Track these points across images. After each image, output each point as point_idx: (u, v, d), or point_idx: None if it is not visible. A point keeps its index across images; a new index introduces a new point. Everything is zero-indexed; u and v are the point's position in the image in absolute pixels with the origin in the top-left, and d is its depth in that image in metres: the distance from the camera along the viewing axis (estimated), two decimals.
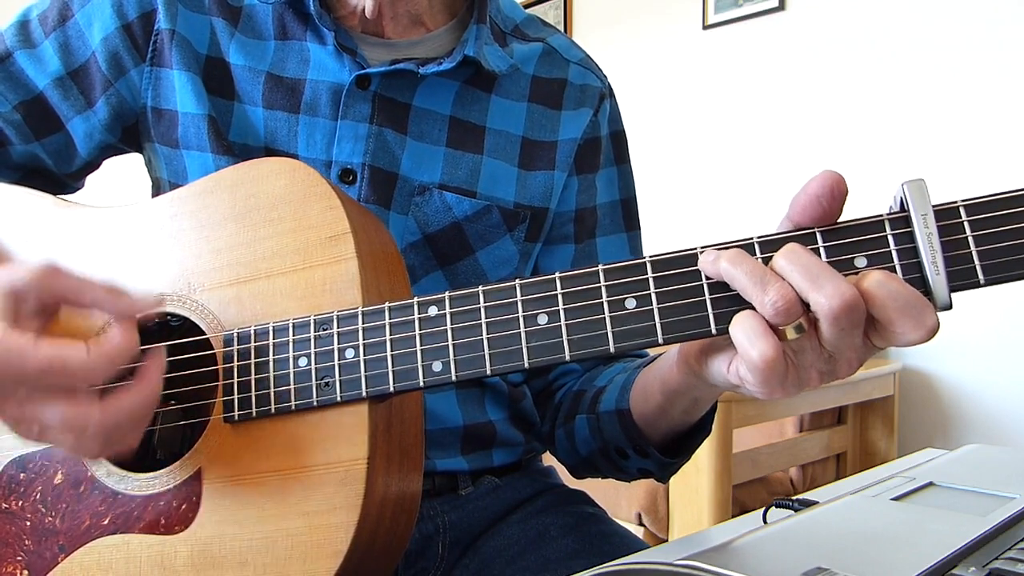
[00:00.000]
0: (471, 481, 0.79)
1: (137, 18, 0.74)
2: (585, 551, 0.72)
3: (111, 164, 0.84)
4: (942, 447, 0.92)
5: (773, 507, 0.61)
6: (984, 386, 2.28)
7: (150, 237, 0.64)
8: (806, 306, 0.46)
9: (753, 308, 0.47)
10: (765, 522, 0.60)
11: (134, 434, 0.53)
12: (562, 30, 3.23)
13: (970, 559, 0.41)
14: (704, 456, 1.79)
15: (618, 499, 1.95)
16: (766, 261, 0.47)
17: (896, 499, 0.53)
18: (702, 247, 0.49)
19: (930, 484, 0.57)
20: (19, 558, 0.61)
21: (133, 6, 0.74)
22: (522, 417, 0.83)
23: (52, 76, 0.75)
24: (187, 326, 0.62)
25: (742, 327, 0.46)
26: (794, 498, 0.60)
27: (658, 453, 0.69)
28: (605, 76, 0.87)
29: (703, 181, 2.85)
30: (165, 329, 0.66)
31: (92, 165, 0.81)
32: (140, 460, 0.62)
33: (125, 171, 0.90)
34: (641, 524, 1.93)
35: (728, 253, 0.47)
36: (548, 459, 0.89)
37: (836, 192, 0.47)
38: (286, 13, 0.76)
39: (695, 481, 1.79)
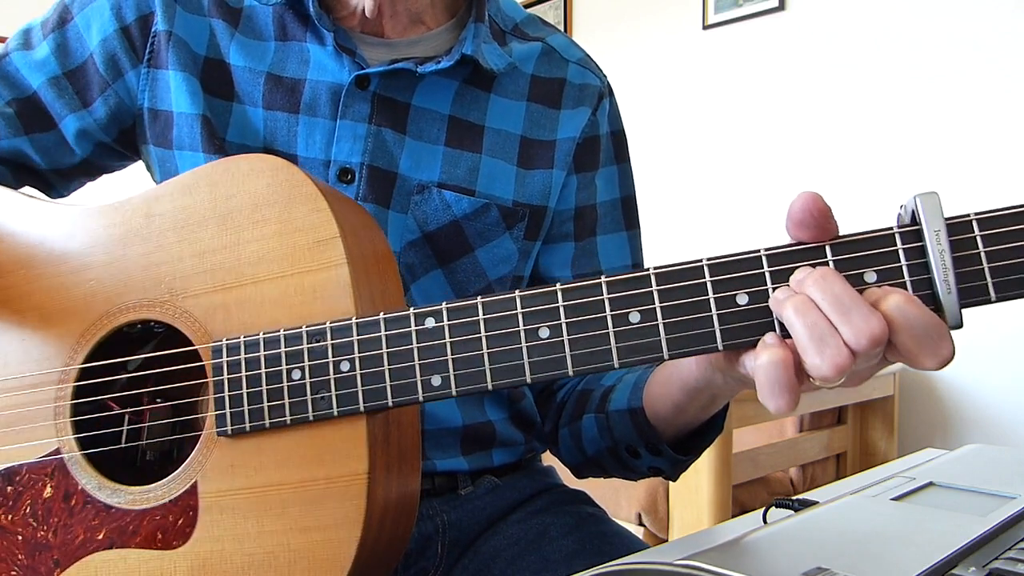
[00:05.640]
0: (471, 481, 0.79)
1: (135, 21, 0.75)
2: (585, 551, 0.72)
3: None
4: (942, 447, 0.92)
5: (773, 507, 0.61)
6: (984, 386, 2.28)
7: (126, 238, 0.61)
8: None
9: (763, 334, 0.46)
10: (765, 522, 0.59)
11: None
12: (562, 30, 3.23)
13: (970, 559, 0.41)
14: (704, 456, 1.77)
15: (618, 499, 1.94)
16: (773, 276, 0.46)
17: (896, 499, 0.53)
18: (709, 258, 0.48)
19: (930, 484, 0.57)
20: (13, 573, 0.59)
21: (131, 9, 0.75)
22: (522, 417, 0.83)
23: (47, 76, 0.76)
24: (170, 332, 0.59)
25: (767, 375, 0.45)
26: (794, 498, 0.60)
27: (671, 451, 0.69)
28: (604, 75, 0.87)
29: (703, 181, 2.85)
30: (149, 335, 0.64)
31: (86, 171, 0.81)
32: (128, 471, 0.61)
33: (125, 174, 0.90)
34: (641, 524, 1.93)
35: (795, 301, 0.45)
36: (548, 459, 0.89)
37: (816, 211, 0.45)
38: (286, 14, 0.76)
39: (695, 481, 1.78)
